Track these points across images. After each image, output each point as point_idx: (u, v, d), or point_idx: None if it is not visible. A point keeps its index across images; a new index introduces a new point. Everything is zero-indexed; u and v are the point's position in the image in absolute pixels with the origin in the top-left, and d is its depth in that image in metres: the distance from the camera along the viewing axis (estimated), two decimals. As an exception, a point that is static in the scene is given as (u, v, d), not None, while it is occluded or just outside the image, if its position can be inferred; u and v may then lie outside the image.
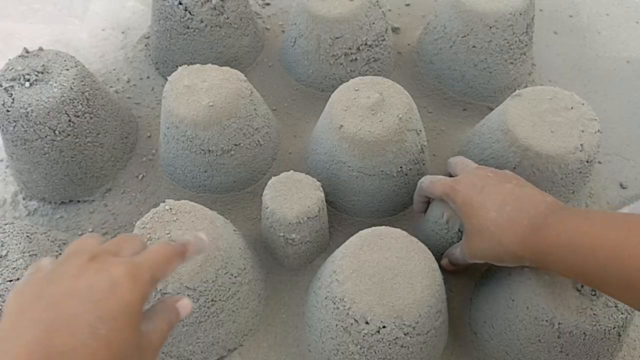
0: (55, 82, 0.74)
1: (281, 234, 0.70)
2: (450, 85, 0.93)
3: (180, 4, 0.86)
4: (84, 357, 0.32)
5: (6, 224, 0.65)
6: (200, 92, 0.75)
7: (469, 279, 0.75)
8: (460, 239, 0.67)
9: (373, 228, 0.64)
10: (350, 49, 0.87)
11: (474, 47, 0.86)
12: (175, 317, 0.43)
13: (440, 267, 0.65)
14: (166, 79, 0.78)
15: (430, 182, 0.66)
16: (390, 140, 0.70)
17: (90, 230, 0.80)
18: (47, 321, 0.32)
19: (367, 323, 0.57)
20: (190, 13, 0.86)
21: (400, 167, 0.73)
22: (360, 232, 0.64)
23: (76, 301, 0.34)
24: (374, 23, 0.87)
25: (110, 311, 0.34)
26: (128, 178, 0.85)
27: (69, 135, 0.76)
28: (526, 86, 0.93)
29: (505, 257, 0.57)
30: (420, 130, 0.75)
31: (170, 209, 0.64)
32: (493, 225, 0.57)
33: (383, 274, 0.59)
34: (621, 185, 0.85)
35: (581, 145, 0.69)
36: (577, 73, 0.99)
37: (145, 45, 1.02)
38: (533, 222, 0.54)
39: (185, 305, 0.44)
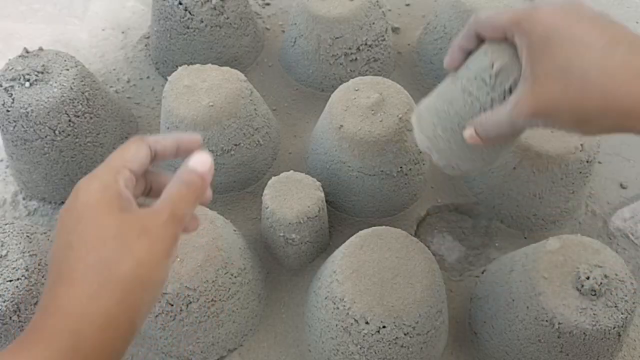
0: (55, 82, 0.74)
1: (281, 234, 0.70)
2: (450, 85, 0.93)
3: (180, 4, 0.86)
4: None
5: (6, 224, 0.65)
6: (200, 92, 0.75)
7: (468, 279, 0.75)
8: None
9: (373, 228, 0.64)
10: (350, 49, 0.87)
11: (474, 47, 0.86)
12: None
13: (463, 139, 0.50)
14: (166, 79, 0.78)
15: (491, 15, 0.47)
16: (390, 140, 0.70)
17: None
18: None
19: (367, 323, 0.57)
20: (190, 13, 0.86)
21: (400, 167, 0.73)
22: (360, 232, 0.64)
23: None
24: (374, 23, 0.87)
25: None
26: (128, 178, 0.85)
27: (69, 135, 0.76)
28: (526, 86, 0.93)
29: (602, 116, 0.41)
30: (420, 130, 0.75)
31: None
32: (596, 69, 0.39)
33: (383, 274, 0.59)
34: (621, 185, 0.85)
35: (581, 145, 0.69)
36: (577, 73, 0.99)
37: (145, 45, 1.02)
38: None
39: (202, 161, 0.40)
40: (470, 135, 0.48)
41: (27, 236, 0.64)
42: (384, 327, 0.56)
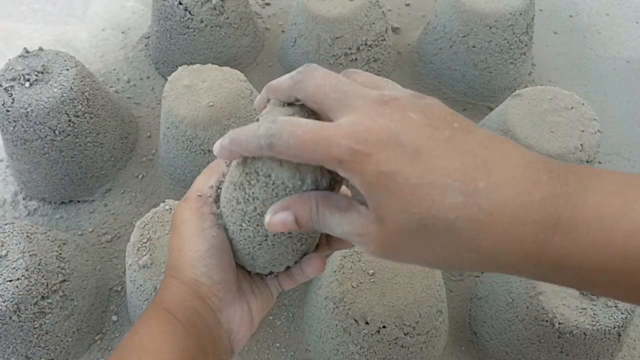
0: (55, 82, 0.74)
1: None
2: (450, 85, 0.93)
3: (180, 4, 0.86)
4: None
5: (6, 224, 0.65)
6: (200, 92, 0.75)
7: (468, 279, 0.75)
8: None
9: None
10: (350, 49, 0.87)
11: (474, 47, 0.86)
12: None
13: None
14: (166, 79, 0.78)
15: (293, 131, 0.32)
16: (390, 140, 0.70)
17: (90, 230, 0.80)
18: None
19: (367, 323, 0.57)
20: (190, 13, 0.86)
21: (400, 167, 0.73)
22: (360, 232, 0.63)
23: None
24: (374, 23, 0.87)
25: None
26: (128, 178, 0.85)
27: (69, 135, 0.76)
28: (526, 86, 0.93)
29: (479, 266, 0.32)
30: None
31: (170, 209, 0.64)
32: (461, 221, 0.30)
33: (383, 273, 0.59)
34: (621, 185, 0.85)
35: (581, 145, 0.69)
36: (577, 73, 0.99)
37: (145, 45, 1.02)
38: (544, 216, 0.29)
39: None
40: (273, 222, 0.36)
41: (27, 236, 0.64)
42: (384, 327, 0.56)
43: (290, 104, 0.36)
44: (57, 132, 0.75)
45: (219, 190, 0.44)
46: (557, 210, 0.29)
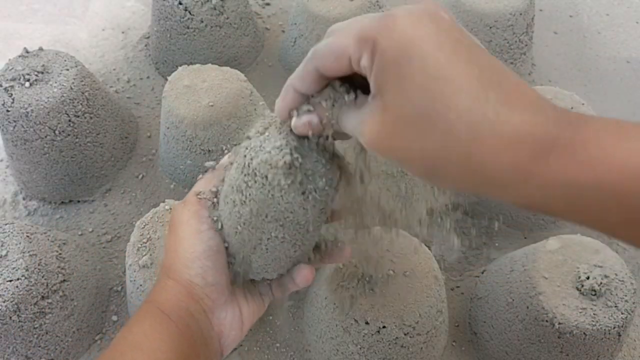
0: (55, 82, 0.74)
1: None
2: (450, 85, 0.93)
3: (180, 4, 0.86)
4: None
5: (6, 224, 0.65)
6: (200, 92, 0.75)
7: (469, 279, 0.75)
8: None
9: (373, 228, 0.63)
10: (350, 49, 0.87)
11: (474, 47, 0.86)
12: None
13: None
14: (166, 79, 0.78)
15: (332, 40, 0.34)
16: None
17: (90, 230, 0.80)
18: None
19: (367, 323, 0.57)
20: (190, 13, 0.86)
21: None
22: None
23: None
24: (374, 23, 0.87)
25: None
26: (128, 178, 0.85)
27: (68, 135, 0.76)
28: (526, 86, 0.93)
29: (460, 180, 0.31)
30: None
31: (170, 209, 0.64)
32: (463, 125, 0.29)
33: (383, 274, 0.59)
34: (621, 185, 0.85)
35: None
36: (577, 73, 0.99)
37: (145, 45, 1.02)
38: (543, 135, 0.29)
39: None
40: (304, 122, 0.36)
41: (27, 236, 0.64)
42: (384, 327, 0.56)
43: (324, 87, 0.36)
44: (57, 132, 0.75)
45: (218, 195, 0.44)
46: (559, 129, 0.29)
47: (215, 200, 0.44)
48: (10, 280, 0.60)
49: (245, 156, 0.40)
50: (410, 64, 0.29)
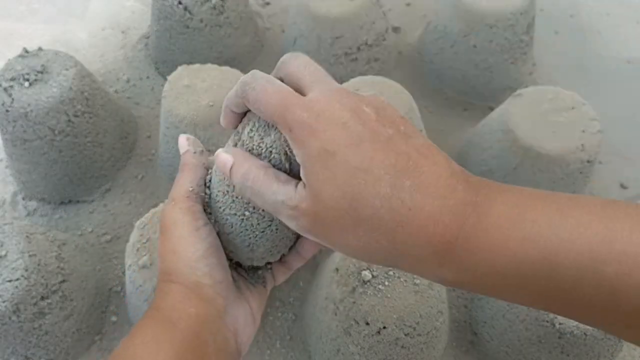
0: (55, 82, 0.74)
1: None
2: (451, 85, 0.93)
3: (180, 3, 0.86)
4: None
5: (5, 224, 0.64)
6: (200, 91, 0.74)
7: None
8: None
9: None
10: (350, 48, 0.87)
11: (474, 46, 0.86)
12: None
13: None
14: (166, 79, 0.78)
15: (265, 85, 0.36)
16: (391, 140, 0.70)
17: (90, 230, 0.80)
18: None
19: (367, 324, 0.57)
20: (190, 13, 0.86)
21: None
22: (361, 232, 0.63)
23: None
24: (374, 23, 0.87)
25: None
26: (127, 178, 0.85)
27: (68, 135, 0.76)
28: (527, 86, 0.93)
29: (386, 260, 0.35)
30: (420, 130, 0.75)
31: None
32: (385, 211, 0.32)
33: (383, 274, 0.59)
34: (622, 185, 0.85)
35: (582, 145, 0.69)
36: (578, 73, 0.99)
37: (145, 45, 1.02)
38: (452, 222, 0.32)
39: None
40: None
41: (27, 236, 0.64)
42: (384, 327, 0.56)
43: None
44: (56, 132, 0.75)
45: (209, 187, 0.43)
46: (464, 216, 0.32)
47: (207, 193, 0.42)
48: (10, 281, 0.60)
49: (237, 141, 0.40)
50: (333, 159, 0.33)
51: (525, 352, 0.62)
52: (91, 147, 0.80)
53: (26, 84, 0.73)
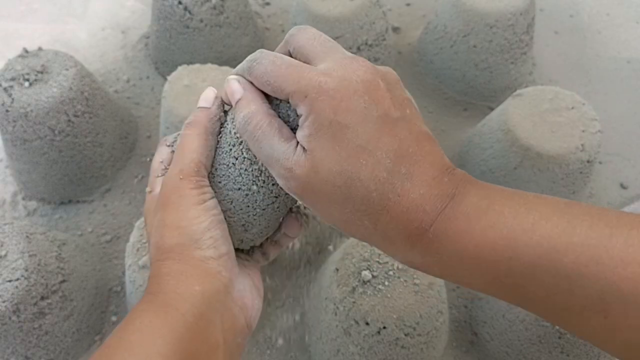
0: (55, 82, 0.74)
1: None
2: (451, 85, 0.93)
3: (180, 3, 0.86)
4: None
5: (5, 224, 0.64)
6: (200, 92, 0.74)
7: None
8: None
9: (373, 228, 0.63)
10: (350, 48, 0.87)
11: (474, 46, 0.86)
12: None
13: None
14: (166, 79, 0.78)
15: (273, 59, 0.37)
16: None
17: (90, 230, 0.80)
18: None
19: (367, 324, 0.57)
20: (190, 12, 0.86)
21: (401, 167, 0.73)
22: (361, 232, 0.63)
23: None
24: (374, 23, 0.87)
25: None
26: (127, 178, 0.85)
27: (68, 135, 0.76)
28: (527, 86, 0.93)
29: (372, 237, 0.36)
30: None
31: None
32: (377, 192, 0.34)
33: (383, 274, 0.59)
34: (622, 185, 0.85)
35: (582, 145, 0.69)
36: (578, 73, 0.99)
37: (145, 45, 1.01)
38: (431, 209, 0.34)
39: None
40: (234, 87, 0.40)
41: (27, 236, 0.64)
42: (384, 327, 0.56)
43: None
44: (56, 132, 0.74)
45: (214, 163, 0.40)
46: (442, 206, 0.34)
47: (213, 166, 0.40)
48: (10, 281, 0.60)
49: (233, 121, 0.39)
50: (342, 132, 0.33)
51: (525, 352, 0.62)
52: (91, 147, 0.80)
53: (26, 84, 0.73)
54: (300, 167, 0.34)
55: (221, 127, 0.42)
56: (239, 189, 0.39)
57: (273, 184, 0.39)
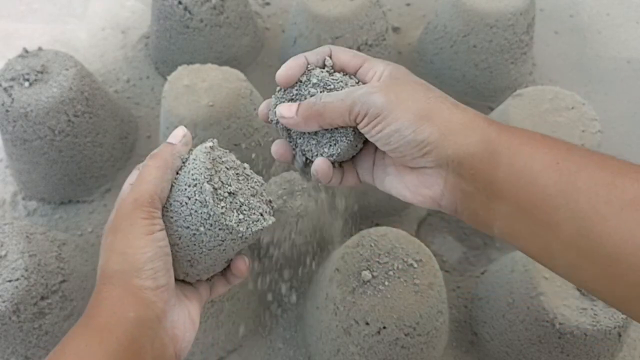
0: (55, 82, 0.74)
1: (281, 235, 0.69)
2: (451, 85, 0.93)
3: (180, 3, 0.86)
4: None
5: (5, 224, 0.64)
6: (200, 92, 0.74)
7: (469, 280, 0.75)
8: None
9: (374, 228, 0.63)
10: (350, 48, 0.87)
11: (474, 46, 0.86)
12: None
13: None
14: (166, 79, 0.78)
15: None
16: (391, 140, 0.70)
17: (89, 230, 0.80)
18: None
19: (367, 324, 0.57)
20: (190, 13, 0.86)
21: (401, 167, 0.73)
22: (361, 231, 0.63)
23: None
24: (374, 23, 0.87)
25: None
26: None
27: (68, 135, 0.76)
28: (527, 86, 0.93)
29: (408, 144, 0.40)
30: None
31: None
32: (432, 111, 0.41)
33: (383, 274, 0.59)
34: (622, 185, 0.85)
35: (582, 145, 0.69)
36: (578, 73, 0.99)
37: (145, 45, 1.01)
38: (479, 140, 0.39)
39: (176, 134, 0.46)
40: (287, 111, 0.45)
41: (27, 236, 0.64)
42: (384, 327, 0.56)
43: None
44: (56, 132, 0.74)
45: (169, 196, 0.42)
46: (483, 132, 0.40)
47: (168, 201, 0.42)
48: (10, 281, 0.60)
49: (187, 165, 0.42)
50: (406, 79, 0.44)
51: (525, 352, 0.62)
52: (91, 147, 0.80)
53: (26, 84, 0.73)
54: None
55: (182, 165, 0.43)
56: (188, 227, 0.41)
57: (220, 229, 0.40)
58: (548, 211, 0.36)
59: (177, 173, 0.43)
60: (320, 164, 0.44)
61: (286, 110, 0.44)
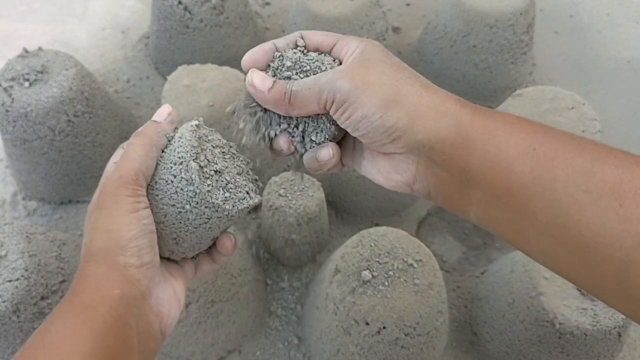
0: (55, 82, 0.74)
1: (281, 235, 0.69)
2: (451, 85, 0.93)
3: (180, 3, 0.86)
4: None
5: (5, 224, 0.64)
6: (200, 91, 0.74)
7: (469, 280, 0.75)
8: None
9: (374, 228, 0.63)
10: (350, 48, 0.87)
11: (474, 46, 0.86)
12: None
13: None
14: (166, 79, 0.78)
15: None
16: (391, 140, 0.70)
17: (89, 230, 0.80)
18: None
19: (367, 324, 0.57)
20: (190, 13, 0.86)
21: (401, 167, 0.73)
22: (361, 231, 0.63)
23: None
24: (374, 23, 0.87)
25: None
26: (128, 178, 0.85)
27: (68, 135, 0.76)
28: (527, 86, 0.93)
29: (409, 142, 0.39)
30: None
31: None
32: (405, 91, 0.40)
33: (383, 274, 0.59)
34: (622, 185, 0.85)
35: (582, 145, 0.69)
36: (578, 73, 0.99)
37: (145, 45, 1.01)
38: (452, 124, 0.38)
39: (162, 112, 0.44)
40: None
41: (27, 236, 0.64)
42: (384, 327, 0.56)
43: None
44: (56, 132, 0.74)
45: (155, 173, 0.42)
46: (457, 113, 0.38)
47: (153, 179, 0.41)
48: (10, 281, 0.60)
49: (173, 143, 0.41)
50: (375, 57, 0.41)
51: (525, 352, 0.62)
52: (91, 147, 0.80)
53: (26, 84, 0.73)
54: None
55: (168, 143, 0.43)
56: (173, 205, 0.40)
57: (206, 207, 0.40)
58: (524, 199, 0.35)
59: (163, 151, 0.42)
60: (330, 150, 0.44)
61: (259, 81, 0.41)
